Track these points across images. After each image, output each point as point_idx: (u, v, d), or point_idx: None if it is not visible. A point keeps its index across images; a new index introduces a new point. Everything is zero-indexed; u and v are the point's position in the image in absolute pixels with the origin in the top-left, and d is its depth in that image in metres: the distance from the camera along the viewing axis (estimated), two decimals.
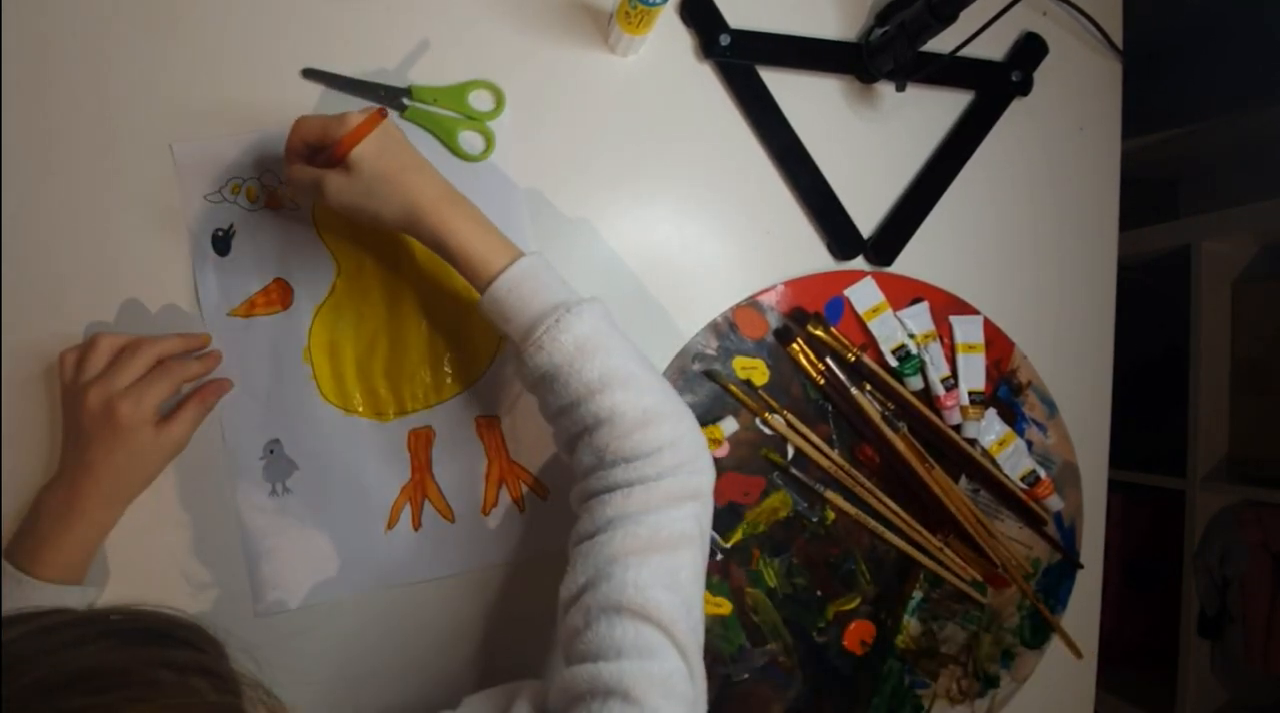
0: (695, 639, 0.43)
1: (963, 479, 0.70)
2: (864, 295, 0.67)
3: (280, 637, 0.58)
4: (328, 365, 0.59)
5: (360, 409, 0.60)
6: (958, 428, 0.68)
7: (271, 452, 0.58)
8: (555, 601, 0.53)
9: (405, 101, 0.59)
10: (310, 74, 0.58)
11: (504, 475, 0.62)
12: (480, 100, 0.61)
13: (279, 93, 0.58)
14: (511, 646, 0.63)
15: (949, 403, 0.67)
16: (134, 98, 0.56)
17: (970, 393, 0.68)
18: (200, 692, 0.30)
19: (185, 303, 0.57)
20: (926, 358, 0.67)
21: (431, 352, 0.60)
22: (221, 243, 0.58)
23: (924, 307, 0.68)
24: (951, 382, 0.68)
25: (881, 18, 0.66)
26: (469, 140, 0.60)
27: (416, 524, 0.61)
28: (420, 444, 0.61)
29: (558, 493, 0.62)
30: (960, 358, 0.68)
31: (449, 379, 0.61)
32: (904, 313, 0.67)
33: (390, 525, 0.60)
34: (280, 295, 0.58)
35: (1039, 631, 0.72)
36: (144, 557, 0.56)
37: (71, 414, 0.51)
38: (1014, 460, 0.70)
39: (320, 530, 0.59)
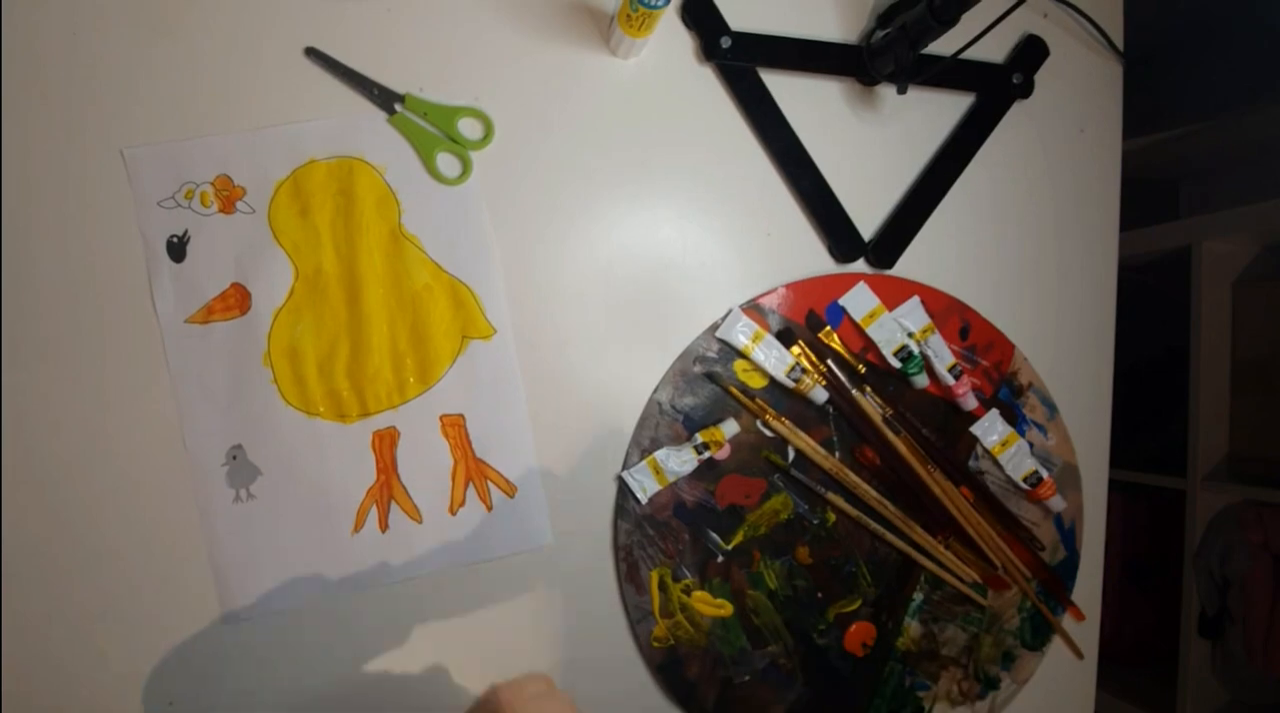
0: None
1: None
2: (858, 302, 0.66)
3: (247, 644, 0.58)
4: (288, 369, 0.59)
5: (322, 412, 0.59)
6: (972, 415, 0.68)
7: (234, 458, 0.58)
8: (526, 598, 0.49)
9: (396, 107, 0.59)
10: (312, 53, 0.58)
11: (470, 475, 0.61)
12: (469, 128, 0.60)
13: (235, 94, 0.57)
14: (483, 645, 0.62)
15: (961, 391, 0.67)
16: (83, 100, 0.55)
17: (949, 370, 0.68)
18: None
19: (142, 311, 0.56)
20: (929, 352, 0.67)
21: (393, 352, 0.60)
22: (176, 249, 0.57)
23: (916, 301, 0.68)
24: (959, 369, 0.68)
25: (883, 20, 0.66)
26: (446, 162, 0.60)
27: (383, 527, 0.60)
28: (384, 445, 0.60)
29: (525, 491, 0.62)
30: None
31: (411, 379, 0.60)
32: (898, 311, 0.67)
33: (357, 529, 0.60)
34: (238, 300, 0.58)
35: (1039, 632, 0.72)
36: (109, 567, 0.56)
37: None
38: (1017, 462, 0.70)
39: (286, 536, 0.59)
